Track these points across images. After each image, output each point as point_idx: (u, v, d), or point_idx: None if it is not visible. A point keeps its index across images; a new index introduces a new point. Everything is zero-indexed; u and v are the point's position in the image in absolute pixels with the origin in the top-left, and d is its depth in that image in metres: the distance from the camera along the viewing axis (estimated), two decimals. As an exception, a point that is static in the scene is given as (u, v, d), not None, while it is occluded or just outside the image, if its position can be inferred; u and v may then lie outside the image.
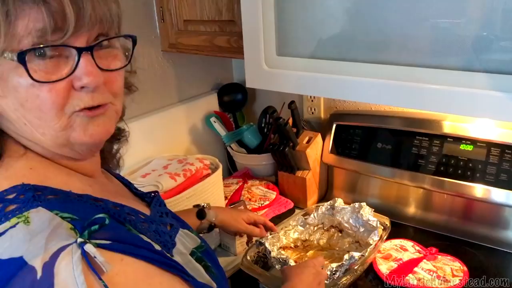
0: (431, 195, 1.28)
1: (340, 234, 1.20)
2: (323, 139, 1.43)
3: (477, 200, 1.17)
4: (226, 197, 1.37)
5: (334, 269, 0.97)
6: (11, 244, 0.47)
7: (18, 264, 0.45)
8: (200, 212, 1.02)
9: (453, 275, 1.05)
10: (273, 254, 1.02)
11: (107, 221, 0.51)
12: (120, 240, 0.51)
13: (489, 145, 1.14)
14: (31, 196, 0.51)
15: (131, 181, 1.15)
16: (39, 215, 0.49)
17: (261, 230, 1.09)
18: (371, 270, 1.10)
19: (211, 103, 1.57)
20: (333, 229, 1.22)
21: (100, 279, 0.46)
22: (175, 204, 1.10)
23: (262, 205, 1.35)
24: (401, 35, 0.85)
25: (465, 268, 1.07)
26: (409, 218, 1.31)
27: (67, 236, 0.47)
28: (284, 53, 1.00)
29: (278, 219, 1.35)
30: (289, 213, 1.38)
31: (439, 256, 1.12)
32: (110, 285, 0.46)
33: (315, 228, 1.23)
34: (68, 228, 0.49)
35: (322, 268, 0.93)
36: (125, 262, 0.50)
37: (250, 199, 1.37)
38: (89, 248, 0.47)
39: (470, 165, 1.16)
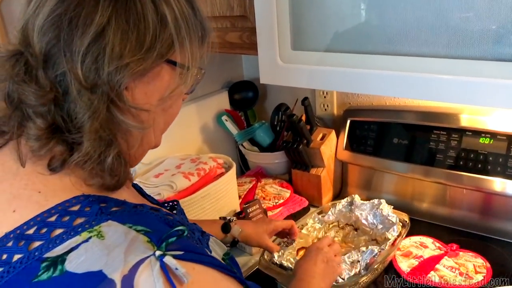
0: (450, 190, 1.25)
1: (355, 232, 1.18)
2: (337, 136, 1.40)
3: (497, 194, 1.15)
4: (240, 196, 1.35)
5: (352, 257, 0.96)
6: (87, 258, 0.47)
7: (98, 278, 0.46)
8: (225, 226, 1.02)
9: (476, 272, 1.02)
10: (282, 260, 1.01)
11: (186, 233, 0.53)
12: (187, 249, 0.51)
13: (510, 138, 1.11)
14: (97, 209, 0.51)
15: (144, 182, 1.14)
16: (113, 229, 0.49)
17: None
18: (391, 268, 1.07)
19: (222, 101, 1.55)
20: (348, 227, 1.20)
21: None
22: (189, 204, 1.09)
23: (277, 203, 1.33)
24: (417, 27, 0.83)
25: (488, 265, 1.04)
26: (427, 214, 1.29)
27: (144, 249, 0.48)
28: (299, 47, 0.98)
29: (293, 218, 1.32)
30: (304, 211, 1.36)
31: (461, 253, 1.10)
32: None
33: (330, 225, 1.21)
34: (145, 241, 0.49)
35: (335, 256, 0.94)
36: (197, 270, 0.51)
37: (264, 198, 1.34)
38: (169, 260, 0.47)
39: (490, 158, 1.13)
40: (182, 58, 0.58)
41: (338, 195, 1.45)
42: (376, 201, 1.14)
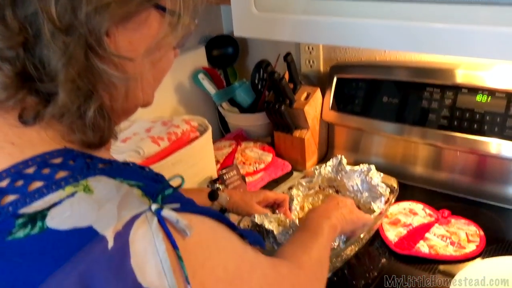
0: (442, 153, 1.16)
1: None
2: (323, 95, 1.30)
3: (493, 156, 1.06)
4: (218, 162, 1.26)
5: None
6: (73, 213, 0.42)
7: (87, 235, 0.41)
8: (212, 193, 0.97)
9: (469, 241, 0.95)
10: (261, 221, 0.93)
11: (183, 184, 0.52)
12: (181, 200, 0.48)
13: (509, 95, 1.02)
14: (83, 163, 0.47)
15: (111, 147, 1.04)
16: (102, 184, 0.45)
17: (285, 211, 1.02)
18: (377, 238, 1.00)
19: (199, 58, 1.42)
20: (330, 189, 1.11)
21: (176, 247, 0.43)
22: (159, 172, 0.99)
23: (257, 168, 1.24)
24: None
25: (482, 233, 0.97)
26: (417, 178, 1.20)
27: (139, 203, 0.44)
28: (276, -7, 0.86)
29: (275, 184, 1.24)
30: (286, 176, 1.27)
31: (453, 220, 1.02)
32: (184, 251, 0.44)
33: (312, 191, 1.11)
34: (139, 195, 0.45)
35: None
36: (194, 222, 0.47)
37: (244, 163, 1.25)
38: (168, 213, 0.44)
39: (487, 118, 1.04)
40: (173, 4, 0.52)
41: (323, 159, 1.36)
42: (365, 167, 1.04)
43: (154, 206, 0.44)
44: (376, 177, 1.03)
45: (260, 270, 0.55)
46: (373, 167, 1.04)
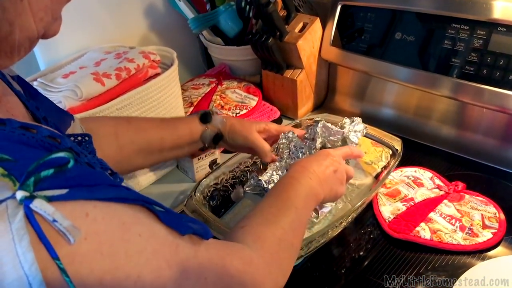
0: (465, 108, 0.93)
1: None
2: (323, 27, 1.05)
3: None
4: (191, 104, 1.05)
5: None
6: None
7: None
8: (205, 115, 0.79)
9: (484, 226, 0.74)
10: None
11: (71, 164, 0.35)
12: (75, 183, 0.35)
13: None
14: None
15: (46, 83, 0.85)
16: None
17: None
18: (369, 213, 0.80)
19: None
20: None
21: (55, 256, 0.32)
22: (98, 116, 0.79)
23: (238, 114, 1.03)
24: None
25: (502, 216, 0.76)
26: (430, 137, 0.98)
27: None
28: None
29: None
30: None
31: (467, 196, 0.81)
32: (71, 261, 0.33)
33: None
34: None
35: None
36: (93, 216, 0.35)
37: (222, 107, 1.04)
38: (41, 206, 0.32)
39: (529, 68, 0.79)
40: None
41: (320, 106, 1.14)
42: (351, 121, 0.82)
43: (20, 194, 0.31)
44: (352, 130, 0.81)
45: (197, 276, 0.43)
46: (358, 119, 0.82)
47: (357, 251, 0.74)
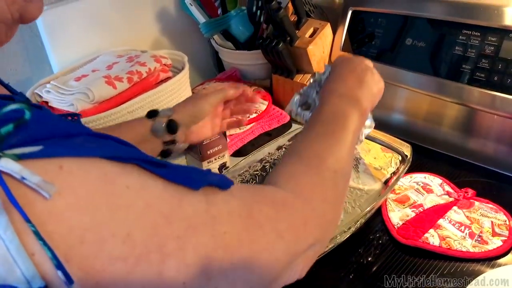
0: (476, 115, 0.92)
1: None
2: (334, 32, 1.05)
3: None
4: (201, 107, 1.06)
5: None
6: None
7: None
8: (151, 111, 0.73)
9: (494, 234, 0.74)
10: None
11: (27, 115, 0.31)
12: (49, 135, 0.32)
13: None
14: None
15: (59, 86, 0.86)
16: None
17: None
18: (377, 218, 0.80)
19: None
20: None
21: (27, 219, 0.29)
22: (113, 121, 0.80)
23: (248, 118, 1.03)
24: None
25: (513, 224, 0.76)
26: (441, 143, 0.98)
27: None
28: None
29: (267, 137, 1.04)
30: (283, 129, 1.06)
31: (477, 203, 0.80)
32: (45, 222, 0.29)
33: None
34: None
35: None
36: (67, 169, 0.31)
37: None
38: (9, 165, 0.29)
39: (541, 75, 0.79)
40: None
41: (330, 110, 1.14)
42: None
43: None
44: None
45: (211, 230, 0.36)
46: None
47: (366, 256, 0.74)
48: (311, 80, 0.71)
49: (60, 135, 0.33)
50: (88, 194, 0.31)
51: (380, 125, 0.89)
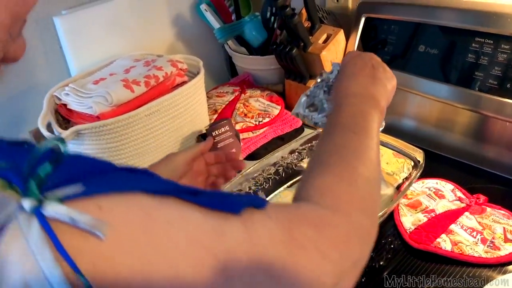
0: (488, 122, 0.93)
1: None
2: (347, 38, 1.06)
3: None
4: (215, 111, 1.07)
5: None
6: None
7: None
8: None
9: (506, 240, 0.75)
10: None
11: (63, 149, 0.29)
12: (85, 172, 0.31)
13: None
14: None
15: (78, 89, 0.88)
16: None
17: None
18: (390, 223, 0.81)
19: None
20: None
21: (78, 271, 0.26)
22: (130, 124, 0.82)
23: (261, 122, 1.05)
24: None
25: (525, 230, 0.76)
26: (453, 149, 0.98)
27: (1, 202, 0.28)
28: None
29: (280, 141, 1.05)
30: (296, 133, 1.08)
31: (488, 209, 0.81)
32: (92, 270, 0.27)
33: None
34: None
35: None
36: (107, 208, 0.29)
37: (245, 115, 1.06)
38: (56, 209, 0.27)
39: (554, 83, 0.79)
40: None
41: (342, 115, 1.15)
42: None
43: (28, 202, 0.27)
44: None
45: (256, 263, 0.35)
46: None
47: (378, 260, 0.75)
48: (318, 80, 0.68)
49: (95, 171, 0.31)
50: (131, 235, 0.29)
51: (392, 130, 0.90)
